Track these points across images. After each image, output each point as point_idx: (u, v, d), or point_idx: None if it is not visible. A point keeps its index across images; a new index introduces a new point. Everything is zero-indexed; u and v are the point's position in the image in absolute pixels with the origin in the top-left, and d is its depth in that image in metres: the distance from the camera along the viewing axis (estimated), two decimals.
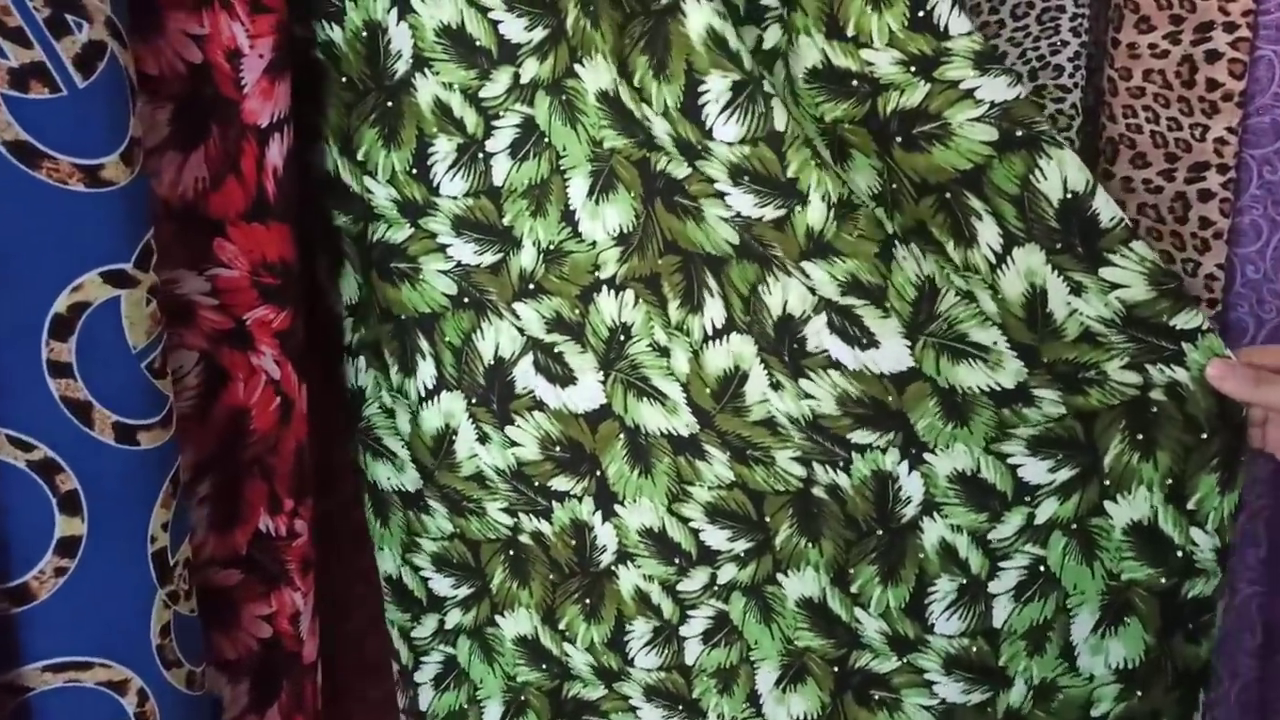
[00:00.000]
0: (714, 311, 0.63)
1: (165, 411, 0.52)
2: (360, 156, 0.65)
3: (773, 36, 0.60)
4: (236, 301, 0.60)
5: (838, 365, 0.62)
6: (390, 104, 0.63)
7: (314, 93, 0.65)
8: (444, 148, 0.63)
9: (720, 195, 0.60)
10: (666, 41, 0.58)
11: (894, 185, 0.61)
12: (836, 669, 0.68)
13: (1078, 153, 1.16)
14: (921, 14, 0.58)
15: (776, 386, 0.63)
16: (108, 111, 0.48)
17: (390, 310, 0.68)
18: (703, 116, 0.58)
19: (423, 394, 0.68)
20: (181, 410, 0.58)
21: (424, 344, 0.67)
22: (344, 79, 0.64)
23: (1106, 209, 0.59)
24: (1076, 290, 0.60)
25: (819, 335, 0.61)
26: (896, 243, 0.61)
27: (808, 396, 0.63)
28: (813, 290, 0.61)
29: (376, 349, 0.70)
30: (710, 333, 0.63)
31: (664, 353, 0.64)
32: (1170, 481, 0.62)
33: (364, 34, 0.62)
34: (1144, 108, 1.09)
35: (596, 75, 0.60)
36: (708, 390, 0.64)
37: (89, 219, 0.48)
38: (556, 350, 0.66)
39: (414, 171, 0.64)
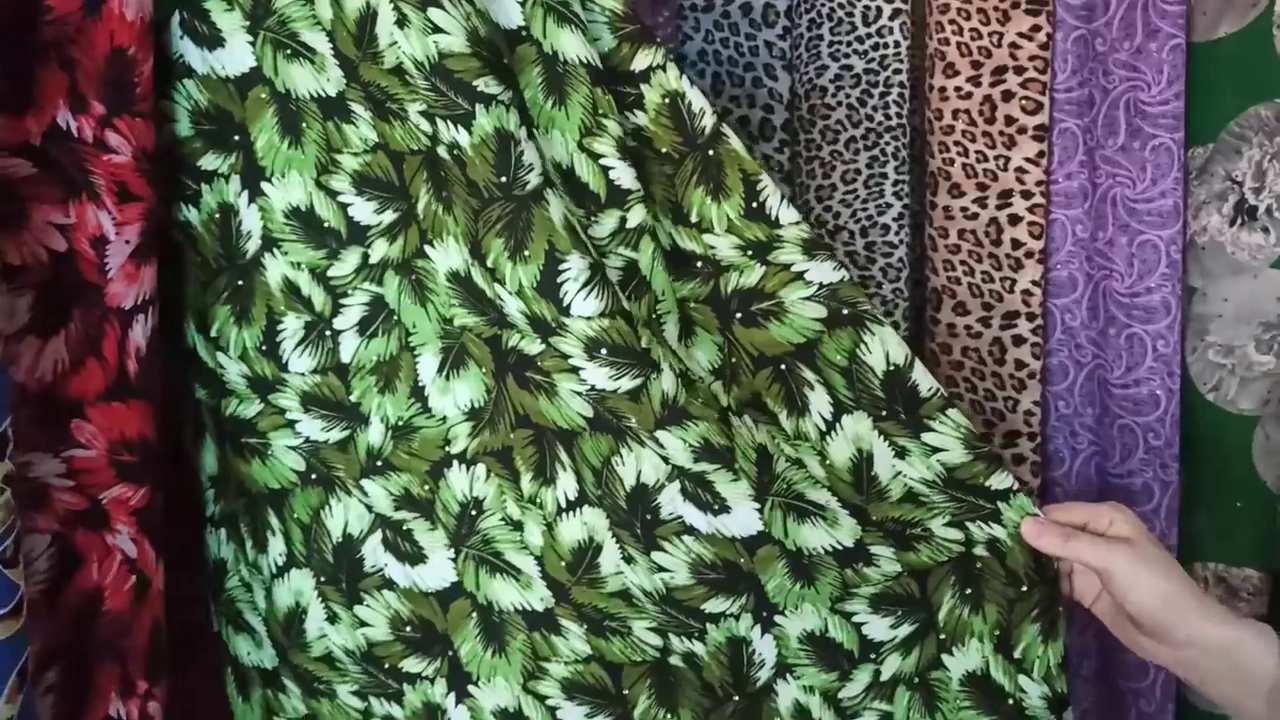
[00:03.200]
0: (566, 484, 0.64)
1: (15, 601, 0.51)
2: (213, 333, 0.66)
3: (637, 215, 0.64)
4: (93, 482, 0.60)
5: (691, 530, 0.64)
6: (241, 283, 0.65)
7: (176, 271, 0.67)
8: (292, 325, 0.65)
9: (574, 370, 0.63)
10: (529, 224, 0.61)
11: (733, 360, 0.66)
12: None
13: (907, 300, 1.28)
14: (755, 205, 0.64)
15: (629, 560, 0.64)
16: None
17: (243, 485, 0.68)
18: (561, 294, 0.61)
19: (274, 571, 0.68)
20: (30, 597, 0.57)
21: (274, 520, 0.67)
22: (199, 258, 0.66)
23: (925, 380, 0.64)
24: (901, 454, 0.65)
25: (673, 503, 0.64)
26: (731, 415, 0.65)
27: (661, 570, 0.64)
28: (666, 459, 0.63)
29: (234, 522, 0.70)
30: (564, 505, 0.65)
31: (517, 527, 0.65)
32: (998, 633, 0.65)
33: (217, 216, 0.65)
34: (961, 263, 1.22)
35: (448, 256, 0.63)
36: (563, 563, 0.65)
37: None
38: (406, 528, 0.66)
39: (263, 348, 0.65)
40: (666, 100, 0.64)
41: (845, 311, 0.64)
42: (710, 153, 0.64)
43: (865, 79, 1.23)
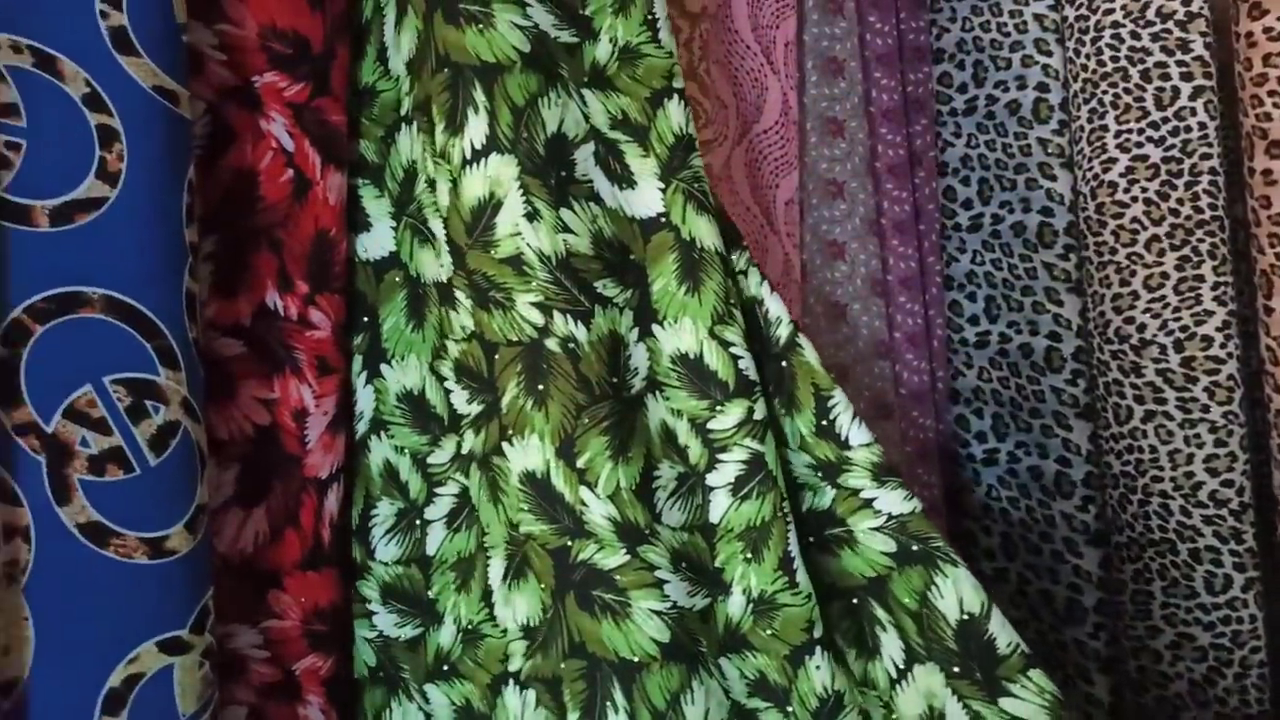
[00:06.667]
0: None
1: None
2: None
3: (763, 409, 0.61)
4: (287, 652, 0.60)
5: None
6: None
7: None
8: (384, 511, 0.64)
9: (659, 584, 0.58)
10: (632, 426, 0.59)
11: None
12: None
13: (1244, 426, 1.06)
14: (825, 422, 0.60)
15: None
16: (176, 485, 0.51)
17: None
18: (654, 500, 0.59)
19: None
20: None
21: (356, 713, 0.66)
22: None
23: (1003, 633, 0.57)
24: None
25: None
26: (818, 648, 0.57)
27: None
28: (726, 692, 0.58)
29: None
30: None
31: None
32: None
33: None
34: None
35: (525, 455, 0.59)
36: None
37: (150, 589, 0.50)
38: None
39: (356, 532, 0.64)
40: (745, 307, 0.62)
41: (915, 548, 0.58)
42: (784, 364, 0.61)
43: (1165, 169, 1.06)
